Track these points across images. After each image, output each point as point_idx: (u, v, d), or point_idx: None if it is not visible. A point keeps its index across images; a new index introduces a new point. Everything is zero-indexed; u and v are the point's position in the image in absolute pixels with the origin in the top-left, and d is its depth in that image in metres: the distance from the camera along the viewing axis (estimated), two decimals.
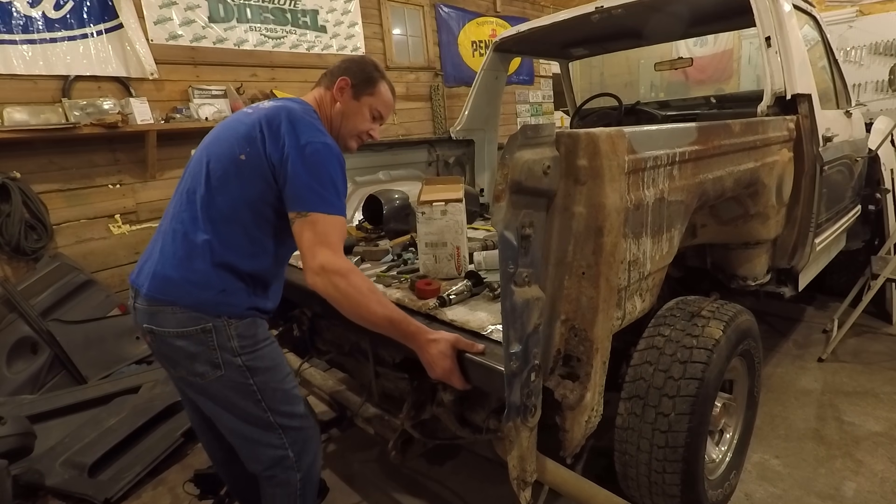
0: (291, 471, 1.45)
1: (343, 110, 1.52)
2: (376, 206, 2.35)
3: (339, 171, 1.34)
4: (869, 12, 6.17)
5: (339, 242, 1.29)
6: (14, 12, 3.14)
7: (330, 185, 1.30)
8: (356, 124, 1.55)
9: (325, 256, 1.24)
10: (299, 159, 1.29)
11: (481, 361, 1.19)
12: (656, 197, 1.35)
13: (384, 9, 5.40)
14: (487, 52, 3.28)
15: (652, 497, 1.56)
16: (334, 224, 1.28)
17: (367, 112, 1.55)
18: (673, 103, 3.66)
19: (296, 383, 1.50)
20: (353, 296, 1.24)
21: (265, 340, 1.40)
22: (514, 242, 1.02)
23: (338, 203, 1.31)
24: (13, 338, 2.83)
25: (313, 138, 1.32)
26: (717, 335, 1.54)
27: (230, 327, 1.32)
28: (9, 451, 2.06)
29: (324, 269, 1.23)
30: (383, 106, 1.58)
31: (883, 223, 3.25)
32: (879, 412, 2.40)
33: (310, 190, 1.29)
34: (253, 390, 1.36)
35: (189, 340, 1.31)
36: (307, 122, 1.36)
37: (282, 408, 1.41)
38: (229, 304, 1.32)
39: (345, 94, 1.51)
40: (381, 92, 1.56)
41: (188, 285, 1.30)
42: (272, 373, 1.39)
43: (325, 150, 1.32)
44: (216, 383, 1.34)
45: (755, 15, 2.18)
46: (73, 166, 3.39)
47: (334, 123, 1.52)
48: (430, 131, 5.96)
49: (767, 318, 3.41)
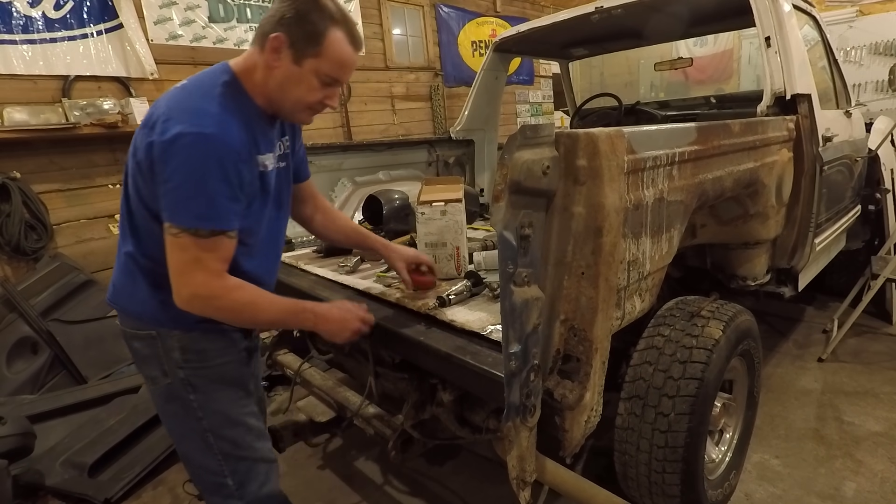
0: (232, 499, 1.32)
1: (282, 79, 1.16)
2: (376, 206, 2.35)
3: (217, 172, 1.05)
4: (869, 12, 6.17)
5: (216, 262, 1.10)
6: (14, 12, 3.14)
7: (200, 192, 1.05)
8: (301, 96, 1.18)
9: (196, 286, 1.09)
10: (164, 156, 1.04)
11: (481, 367, 1.19)
12: (656, 197, 1.35)
13: (384, 9, 5.40)
14: (487, 52, 3.28)
15: (652, 497, 1.56)
16: (207, 246, 1.07)
17: (313, 80, 1.16)
18: (673, 103, 3.66)
19: (252, 410, 1.35)
20: (238, 311, 1.15)
21: (217, 357, 1.27)
22: (513, 242, 1.02)
23: (212, 214, 1.07)
24: (13, 338, 2.83)
25: (187, 127, 1.03)
26: (716, 335, 1.54)
27: (173, 338, 1.22)
28: (9, 451, 2.06)
29: (197, 297, 1.10)
30: (337, 68, 1.17)
31: (883, 223, 3.25)
32: (879, 412, 2.39)
33: (175, 197, 1.05)
34: (193, 407, 1.25)
35: (142, 343, 1.25)
36: (188, 105, 1.09)
37: (224, 432, 1.28)
38: (171, 315, 1.17)
39: (281, 56, 1.13)
40: (332, 48, 1.14)
41: (128, 296, 1.24)
42: (218, 393, 1.27)
43: (199, 145, 1.03)
44: (164, 391, 1.27)
45: (755, 15, 2.18)
46: (73, 166, 3.39)
47: (273, 96, 1.19)
48: (430, 131, 5.95)
49: (767, 318, 3.41)
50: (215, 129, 1.05)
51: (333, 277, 1.89)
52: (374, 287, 1.73)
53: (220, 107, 1.10)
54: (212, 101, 1.10)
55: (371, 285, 1.75)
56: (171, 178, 1.04)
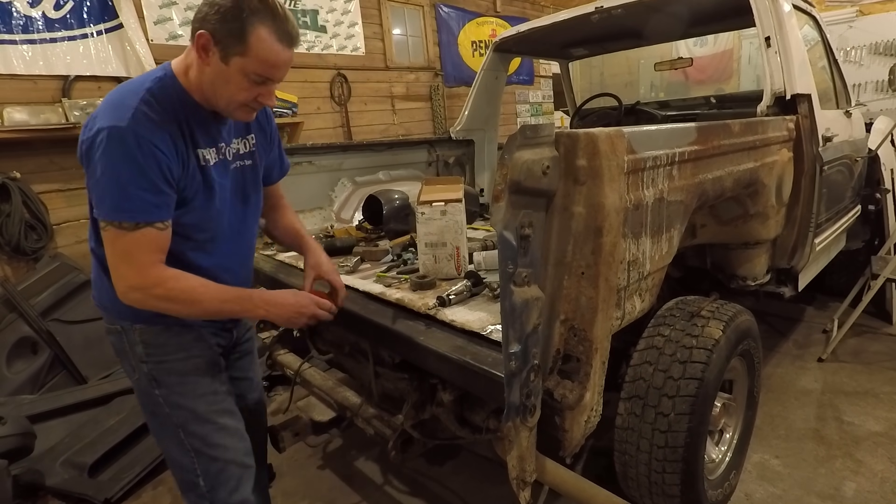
0: (204, 500, 1.32)
1: (213, 77, 1.13)
2: (376, 206, 2.35)
3: (132, 164, 1.05)
4: (869, 12, 6.17)
5: (146, 254, 1.11)
6: (14, 12, 3.14)
7: (117, 184, 1.06)
8: (231, 94, 1.15)
9: (130, 278, 1.12)
10: (88, 152, 1.08)
11: (481, 367, 1.19)
12: (656, 197, 1.35)
13: (384, 9, 5.40)
14: (487, 52, 3.28)
15: (652, 497, 1.56)
16: (133, 238, 1.08)
17: (242, 79, 1.12)
18: (673, 103, 3.66)
19: (224, 408, 1.35)
20: (177, 301, 1.15)
21: (180, 352, 1.28)
22: (513, 242, 1.02)
23: (131, 206, 1.07)
24: (13, 338, 2.83)
25: (106, 122, 1.06)
26: (716, 335, 1.54)
27: (134, 332, 1.25)
28: (9, 451, 2.06)
29: (133, 289, 1.13)
30: (266, 67, 1.12)
31: (883, 223, 3.25)
32: (879, 412, 2.39)
33: (98, 191, 1.09)
34: (160, 402, 1.28)
35: (114, 338, 1.29)
36: (111, 101, 1.11)
37: (192, 428, 1.29)
38: (130, 310, 1.18)
39: (210, 55, 1.11)
40: (259, 46, 1.09)
41: (98, 291, 1.29)
42: (181, 388, 1.28)
43: (114, 138, 1.05)
44: (136, 384, 1.31)
45: (755, 15, 2.18)
46: (73, 166, 3.38)
47: (207, 94, 1.17)
48: (430, 131, 5.95)
49: (767, 318, 3.41)
50: (130, 121, 1.06)
51: None
52: (374, 287, 1.73)
53: (142, 101, 1.09)
54: (134, 96, 1.10)
55: (371, 285, 1.75)
56: (94, 172, 1.07)
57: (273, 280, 1.97)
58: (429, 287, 1.64)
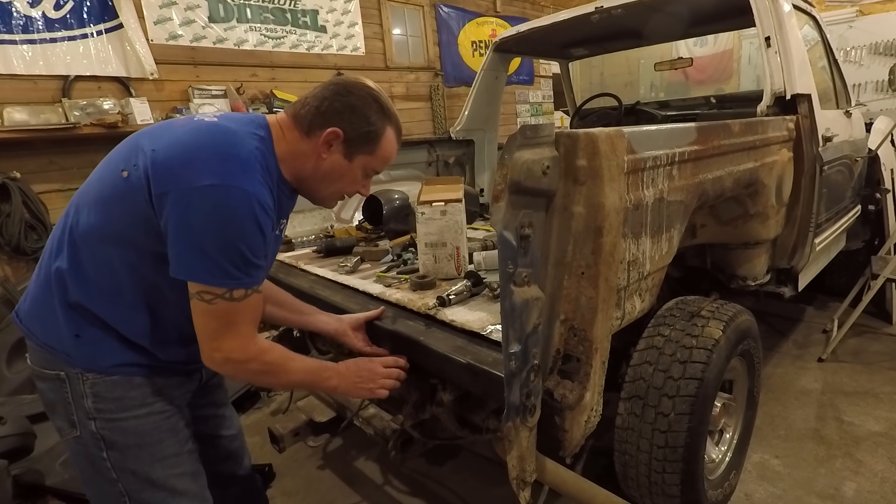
0: None
1: (328, 170, 1.14)
2: (376, 206, 2.34)
3: (254, 230, 0.98)
4: (869, 12, 6.17)
5: (249, 324, 1.04)
6: (14, 12, 3.15)
7: (234, 251, 0.96)
8: (342, 187, 1.19)
9: (232, 350, 1.03)
10: (190, 207, 0.93)
11: (481, 367, 1.19)
12: (656, 197, 1.35)
13: (384, 9, 5.40)
14: (487, 52, 3.28)
15: (652, 497, 1.56)
16: (241, 308, 1.00)
17: (359, 173, 1.17)
18: (673, 103, 3.66)
19: (184, 470, 1.16)
20: (269, 374, 1.11)
21: (139, 408, 1.08)
22: (513, 242, 1.02)
23: (244, 276, 0.99)
24: (13, 338, 2.83)
25: (221, 179, 0.94)
26: (716, 335, 1.54)
27: (85, 382, 1.04)
28: (9, 451, 2.06)
29: (230, 362, 1.04)
30: (384, 163, 1.20)
31: (883, 223, 3.25)
32: (879, 412, 2.39)
33: (202, 255, 0.95)
34: (107, 467, 1.07)
35: (47, 385, 1.08)
36: (222, 153, 0.98)
37: (143, 496, 1.10)
38: (85, 355, 1.04)
39: (333, 149, 1.11)
40: (385, 146, 1.17)
41: (38, 321, 1.07)
42: (138, 451, 1.09)
43: (236, 200, 0.95)
44: (73, 445, 1.09)
45: (755, 15, 2.18)
46: (73, 166, 3.39)
47: (309, 181, 1.15)
48: (430, 131, 5.96)
49: (767, 318, 3.41)
50: (252, 184, 0.98)
51: (333, 277, 1.89)
52: (374, 287, 1.73)
53: (257, 161, 1.02)
54: (246, 152, 1.02)
55: (371, 285, 1.75)
56: (198, 232, 0.94)
57: (273, 279, 1.97)
58: (429, 287, 1.64)
